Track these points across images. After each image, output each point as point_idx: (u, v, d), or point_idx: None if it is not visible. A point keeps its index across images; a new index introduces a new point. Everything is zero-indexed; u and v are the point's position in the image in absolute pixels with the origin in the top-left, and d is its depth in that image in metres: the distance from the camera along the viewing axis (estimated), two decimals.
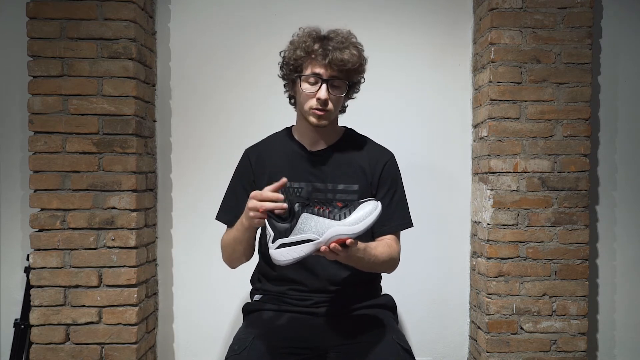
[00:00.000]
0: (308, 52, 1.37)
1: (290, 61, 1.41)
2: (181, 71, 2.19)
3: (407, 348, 1.37)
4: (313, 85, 1.39)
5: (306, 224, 1.15)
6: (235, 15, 2.18)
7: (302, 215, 1.15)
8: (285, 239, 1.16)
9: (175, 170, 2.20)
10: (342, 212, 1.16)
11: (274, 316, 1.46)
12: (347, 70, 1.37)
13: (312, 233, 1.15)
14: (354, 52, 1.37)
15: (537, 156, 1.99)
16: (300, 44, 1.39)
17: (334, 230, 1.15)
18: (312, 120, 1.41)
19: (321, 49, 1.36)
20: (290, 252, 1.16)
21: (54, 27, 1.90)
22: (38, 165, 1.91)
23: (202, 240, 2.18)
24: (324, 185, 1.45)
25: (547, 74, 1.97)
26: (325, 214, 1.16)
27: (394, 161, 1.53)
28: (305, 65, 1.39)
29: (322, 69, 1.37)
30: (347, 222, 1.15)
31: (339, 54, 1.34)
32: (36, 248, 1.92)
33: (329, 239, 1.15)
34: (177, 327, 2.22)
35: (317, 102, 1.38)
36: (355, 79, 1.45)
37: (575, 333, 2.00)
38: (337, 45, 1.36)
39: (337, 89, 1.40)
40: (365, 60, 1.44)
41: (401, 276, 2.06)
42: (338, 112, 1.49)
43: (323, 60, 1.35)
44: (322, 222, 1.15)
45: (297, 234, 1.15)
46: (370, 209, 1.17)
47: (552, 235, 1.99)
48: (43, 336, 1.92)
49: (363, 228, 1.16)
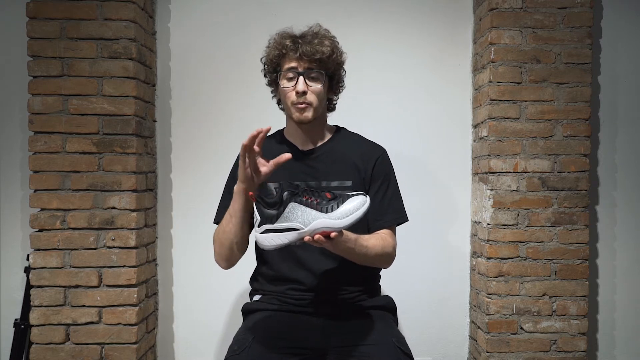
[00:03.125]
0: (280, 48, 1.42)
1: (268, 62, 1.48)
2: (181, 71, 2.19)
3: (407, 352, 1.37)
4: (291, 80, 1.42)
5: (293, 213, 1.16)
6: (235, 15, 2.19)
7: (289, 204, 1.17)
8: (271, 225, 1.17)
9: (175, 170, 2.20)
10: (330, 205, 1.17)
11: (273, 316, 1.46)
12: (320, 60, 1.41)
13: (297, 222, 1.16)
14: (325, 42, 1.41)
15: (537, 156, 1.99)
16: (274, 44, 1.45)
17: (319, 222, 1.15)
18: (296, 116, 1.43)
19: (292, 43, 1.41)
20: (274, 238, 1.17)
21: (54, 27, 1.90)
22: (38, 165, 1.92)
23: (202, 240, 2.17)
24: (318, 183, 1.46)
25: (547, 74, 1.97)
26: (312, 205, 1.17)
27: (386, 156, 1.54)
28: (281, 64, 1.44)
29: (295, 62, 1.41)
30: (334, 216, 1.16)
31: (308, 46, 1.39)
32: (36, 248, 1.92)
33: (313, 230, 1.16)
34: (177, 327, 2.22)
35: (295, 95, 1.41)
36: (332, 69, 1.46)
37: (575, 333, 2.00)
38: (307, 38, 1.41)
39: (314, 80, 1.42)
40: (340, 52, 1.47)
41: (401, 276, 2.07)
42: (323, 106, 1.49)
43: (295, 54, 1.40)
44: (309, 213, 1.16)
45: (283, 222, 1.16)
46: (359, 203, 1.18)
47: (552, 235, 1.99)
48: (43, 336, 1.92)
49: (349, 222, 1.16)
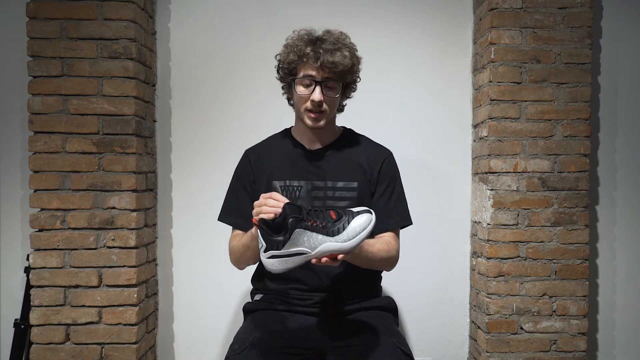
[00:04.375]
0: (300, 55, 1.38)
1: (285, 65, 1.44)
2: (181, 71, 2.19)
3: (408, 352, 1.37)
4: (307, 87, 1.40)
5: (299, 239, 1.15)
6: (235, 15, 2.18)
7: (295, 231, 1.15)
8: (277, 252, 1.16)
9: (175, 170, 2.20)
10: (336, 227, 1.16)
11: (274, 316, 1.46)
12: (340, 71, 1.38)
13: (304, 247, 1.15)
14: (345, 54, 1.38)
15: (537, 156, 1.99)
16: (293, 47, 1.40)
17: (326, 246, 1.15)
18: (308, 123, 1.42)
19: (313, 52, 1.37)
20: (281, 262, 1.17)
21: (54, 27, 1.90)
22: (38, 165, 1.91)
23: (202, 240, 2.18)
24: (324, 183, 1.45)
25: (547, 74, 1.97)
26: (318, 229, 1.16)
27: (392, 159, 1.54)
28: (298, 69, 1.41)
29: (314, 71, 1.38)
30: (340, 238, 1.15)
31: (330, 57, 1.35)
32: (36, 248, 1.92)
33: (321, 254, 1.15)
34: (177, 327, 2.22)
35: (311, 104, 1.39)
36: (349, 79, 1.45)
37: (575, 333, 2.00)
38: (328, 47, 1.37)
39: (331, 90, 1.40)
40: (359, 60, 1.45)
41: (401, 276, 2.06)
42: (335, 112, 1.49)
43: (315, 63, 1.36)
44: (315, 238, 1.15)
45: (289, 247, 1.15)
46: (364, 222, 1.17)
47: (552, 235, 1.99)
48: (43, 336, 1.92)
49: (356, 244, 1.16)
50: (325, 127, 1.46)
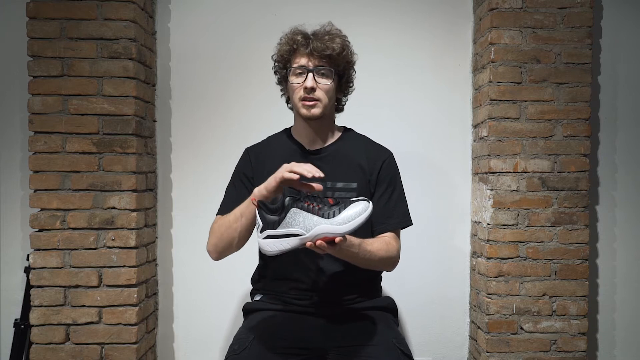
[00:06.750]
0: (291, 44, 1.43)
1: (279, 58, 1.47)
2: (181, 71, 2.19)
3: (407, 352, 1.37)
4: (300, 76, 1.43)
5: (294, 219, 1.16)
6: (235, 15, 2.19)
7: (291, 210, 1.16)
8: (273, 231, 1.17)
9: (175, 170, 2.20)
10: (332, 210, 1.17)
11: (274, 316, 1.46)
12: (330, 56, 1.41)
13: (299, 228, 1.16)
14: (335, 40, 1.42)
15: (537, 156, 1.99)
16: (285, 39, 1.45)
17: (321, 228, 1.15)
18: (303, 112, 1.43)
19: (303, 39, 1.42)
20: (276, 243, 1.18)
21: (54, 27, 1.90)
22: (38, 165, 1.91)
23: (202, 240, 2.14)
24: (323, 183, 1.45)
25: (547, 74, 1.97)
26: (314, 211, 1.17)
27: (392, 159, 1.54)
28: (291, 59, 1.45)
29: (305, 58, 1.42)
30: (336, 221, 1.16)
31: (319, 43, 1.40)
32: (36, 248, 1.92)
33: (315, 236, 1.16)
34: (177, 327, 2.22)
35: (304, 91, 1.41)
36: (342, 67, 1.46)
37: (575, 333, 2.00)
38: (319, 35, 1.42)
39: (324, 76, 1.43)
40: (351, 50, 1.48)
41: (401, 276, 2.06)
42: (332, 105, 1.49)
43: (305, 49, 1.41)
44: (311, 219, 1.16)
45: (284, 228, 1.17)
46: (361, 209, 1.18)
47: (552, 235, 1.99)
48: (43, 336, 1.92)
49: (351, 228, 1.16)
50: (323, 124, 1.46)
